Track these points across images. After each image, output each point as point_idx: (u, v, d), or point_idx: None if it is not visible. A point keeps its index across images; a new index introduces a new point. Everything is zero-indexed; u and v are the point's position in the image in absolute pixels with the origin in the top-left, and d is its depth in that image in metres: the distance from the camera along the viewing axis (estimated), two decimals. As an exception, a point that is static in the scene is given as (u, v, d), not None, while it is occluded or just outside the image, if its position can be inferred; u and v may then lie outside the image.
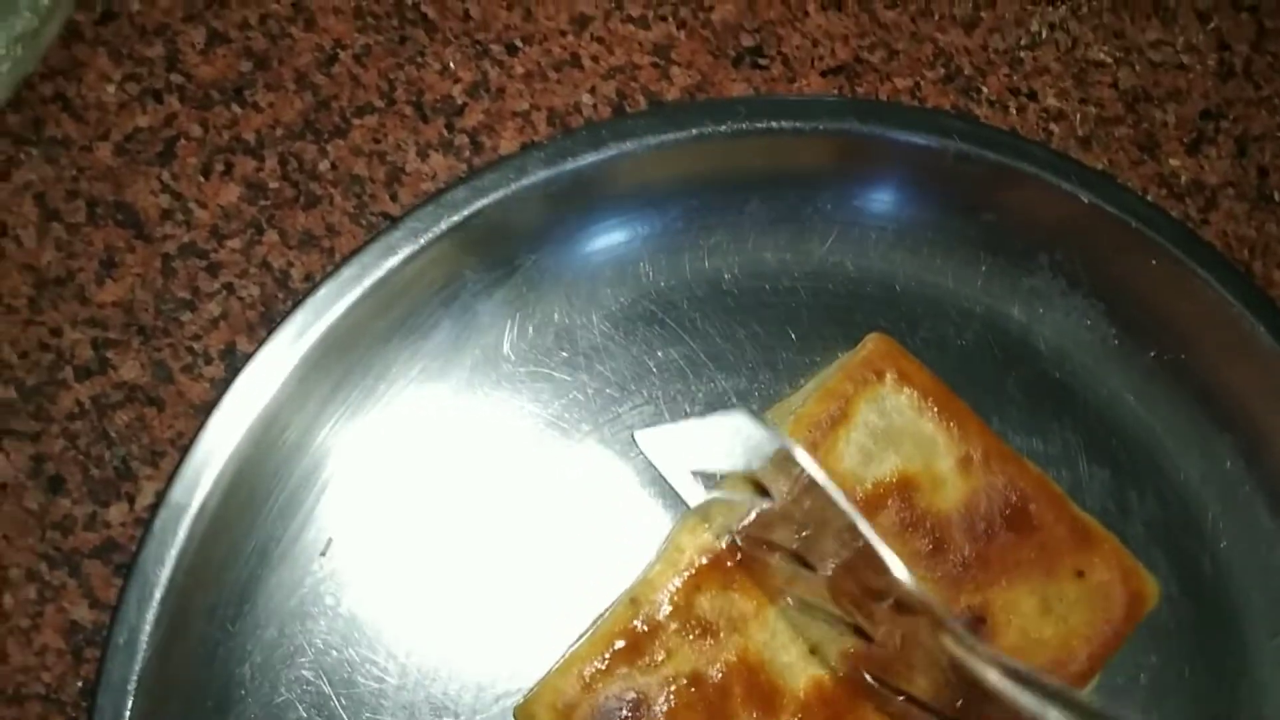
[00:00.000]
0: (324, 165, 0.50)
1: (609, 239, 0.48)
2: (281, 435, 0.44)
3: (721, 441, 0.38)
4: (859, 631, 0.39)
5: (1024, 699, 0.32)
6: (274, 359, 0.44)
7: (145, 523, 0.43)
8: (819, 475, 0.35)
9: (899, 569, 0.34)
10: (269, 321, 0.48)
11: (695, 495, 0.43)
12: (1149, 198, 0.53)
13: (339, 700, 0.43)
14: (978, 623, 0.43)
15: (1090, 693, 0.45)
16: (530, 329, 0.47)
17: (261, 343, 0.44)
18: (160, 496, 0.42)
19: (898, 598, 0.35)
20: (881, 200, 0.50)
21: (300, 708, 0.43)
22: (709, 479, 0.42)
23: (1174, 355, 0.50)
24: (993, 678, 0.32)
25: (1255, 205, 0.55)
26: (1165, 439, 0.50)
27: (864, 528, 0.35)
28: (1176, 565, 0.48)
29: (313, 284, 0.45)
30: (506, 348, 0.47)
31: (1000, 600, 0.44)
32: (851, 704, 0.41)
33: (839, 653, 0.40)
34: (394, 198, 0.50)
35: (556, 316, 0.48)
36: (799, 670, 0.42)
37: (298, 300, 0.45)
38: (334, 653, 0.43)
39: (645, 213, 0.48)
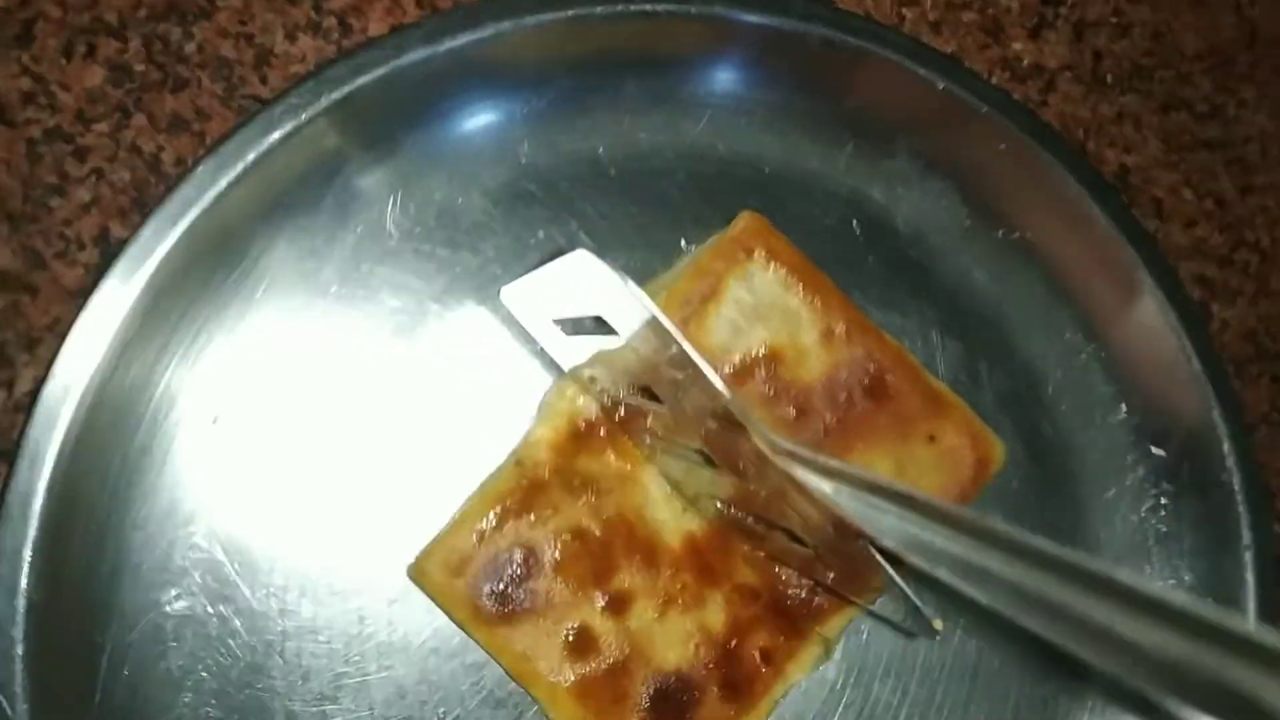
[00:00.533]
0: (190, 47, 0.49)
1: (488, 118, 0.49)
2: (164, 317, 0.44)
3: (574, 285, 0.39)
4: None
5: (821, 484, 0.34)
6: (151, 242, 0.43)
7: (27, 407, 0.42)
8: (640, 296, 0.36)
9: (719, 384, 0.36)
10: (142, 206, 0.48)
11: (569, 359, 0.45)
12: (994, 81, 0.56)
13: (233, 565, 0.44)
14: (840, 480, 0.46)
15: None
16: (413, 207, 0.48)
17: (138, 226, 0.44)
18: (40, 381, 0.42)
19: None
20: (749, 83, 0.51)
21: (195, 574, 0.43)
22: (574, 326, 0.44)
23: (1020, 234, 0.53)
24: (799, 473, 0.35)
25: (1090, 88, 0.58)
26: (1012, 313, 0.53)
27: (685, 345, 0.36)
28: (1021, 431, 0.52)
29: (186, 166, 0.45)
30: (389, 225, 0.47)
31: (858, 464, 0.47)
32: (722, 555, 0.44)
33: (721, 498, 0.43)
34: (263, 80, 0.50)
35: (438, 195, 0.48)
36: (673, 526, 0.44)
37: (171, 183, 0.44)
38: (226, 520, 0.44)
39: (523, 93, 0.49)
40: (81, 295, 0.44)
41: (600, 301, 0.38)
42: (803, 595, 0.45)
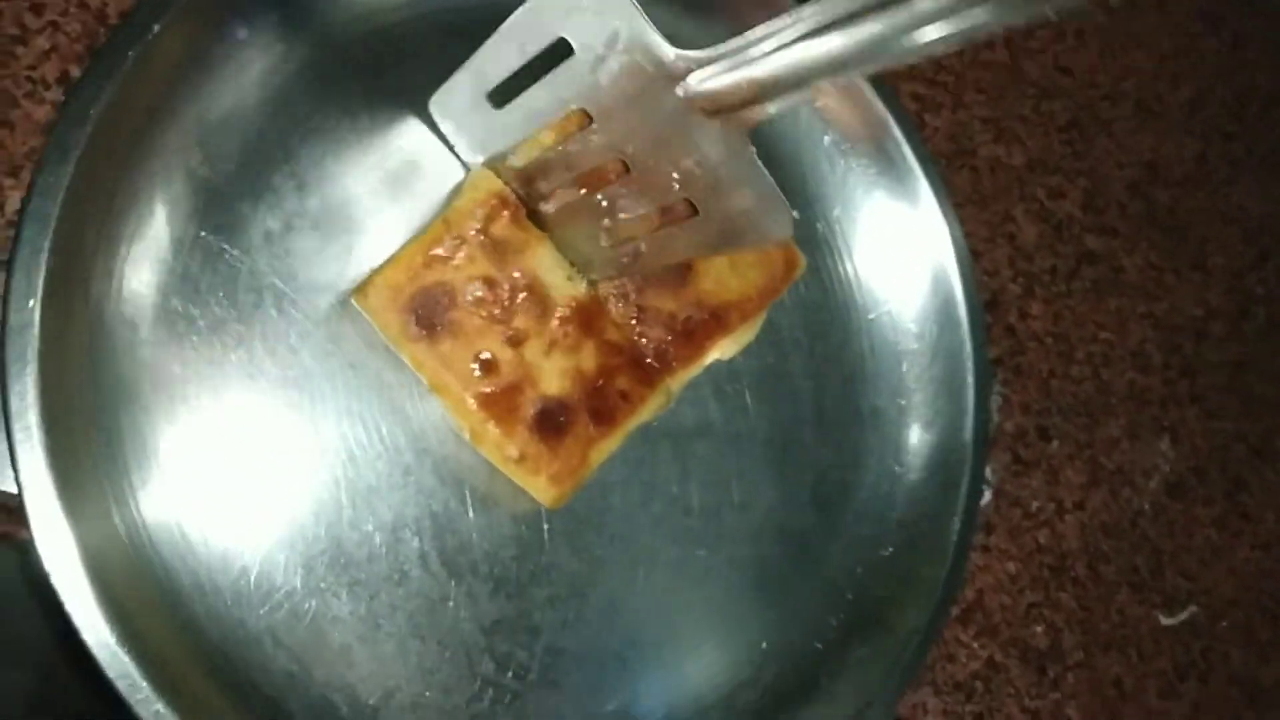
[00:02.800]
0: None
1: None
2: (128, 128, 0.52)
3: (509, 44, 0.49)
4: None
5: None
6: (102, 75, 0.50)
7: (17, 222, 0.49)
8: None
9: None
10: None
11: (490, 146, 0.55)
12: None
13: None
14: (686, 270, 0.58)
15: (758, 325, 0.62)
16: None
17: (89, 66, 0.51)
18: (26, 199, 0.48)
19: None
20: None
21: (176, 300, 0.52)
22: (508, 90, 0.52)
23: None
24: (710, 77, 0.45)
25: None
26: (803, 168, 0.68)
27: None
28: (812, 256, 0.66)
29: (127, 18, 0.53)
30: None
31: (702, 259, 0.59)
32: (597, 317, 0.56)
33: (611, 245, 0.54)
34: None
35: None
36: (562, 290, 0.55)
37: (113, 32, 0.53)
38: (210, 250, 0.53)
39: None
40: (52, 128, 0.53)
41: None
42: (652, 356, 0.58)
